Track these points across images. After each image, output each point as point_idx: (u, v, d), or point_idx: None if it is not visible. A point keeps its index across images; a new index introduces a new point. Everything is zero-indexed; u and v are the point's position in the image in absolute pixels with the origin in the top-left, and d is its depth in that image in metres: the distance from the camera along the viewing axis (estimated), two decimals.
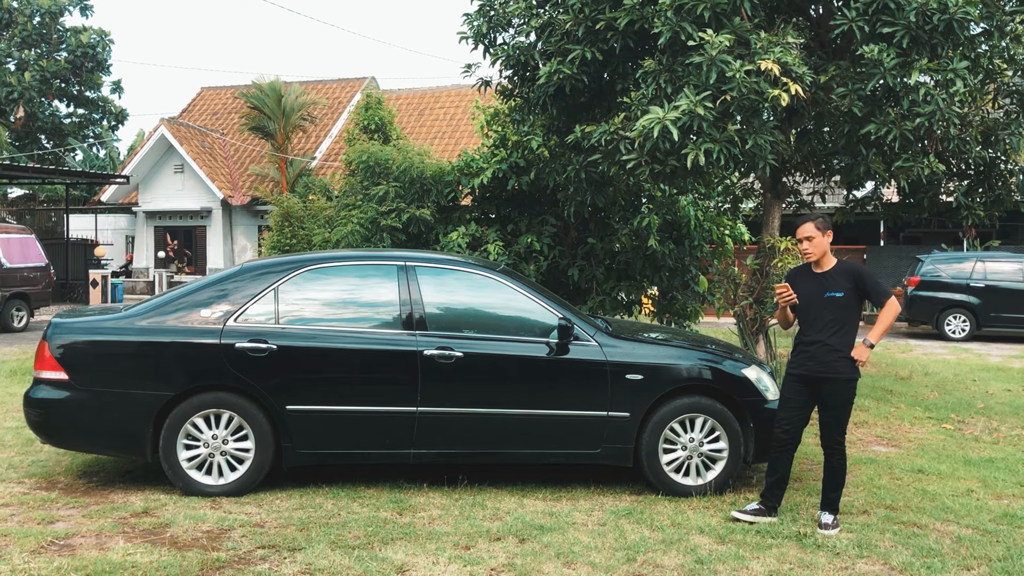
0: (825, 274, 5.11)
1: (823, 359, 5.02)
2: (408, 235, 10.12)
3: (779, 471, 5.22)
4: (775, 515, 5.22)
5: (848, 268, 5.11)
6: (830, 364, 5.01)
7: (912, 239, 22.95)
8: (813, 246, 5.09)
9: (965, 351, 14.59)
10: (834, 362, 5.00)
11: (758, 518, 5.15)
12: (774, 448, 5.26)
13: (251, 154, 28.28)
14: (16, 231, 16.94)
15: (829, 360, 5.01)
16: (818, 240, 5.08)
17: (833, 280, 5.06)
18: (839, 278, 5.06)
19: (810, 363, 5.08)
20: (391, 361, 5.60)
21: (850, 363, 5.00)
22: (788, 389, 5.22)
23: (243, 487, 5.51)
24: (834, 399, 5.04)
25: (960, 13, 6.83)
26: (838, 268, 5.12)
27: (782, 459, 5.21)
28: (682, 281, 10.64)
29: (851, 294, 5.01)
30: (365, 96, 23.38)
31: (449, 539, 4.77)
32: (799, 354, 5.17)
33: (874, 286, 5.03)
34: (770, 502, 5.23)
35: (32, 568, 4.24)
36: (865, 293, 5.04)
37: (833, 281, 5.06)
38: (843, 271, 5.09)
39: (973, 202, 9.56)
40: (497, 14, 8.78)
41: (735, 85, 6.62)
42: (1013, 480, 6.29)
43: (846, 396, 5.04)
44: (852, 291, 5.02)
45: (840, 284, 5.03)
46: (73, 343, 5.60)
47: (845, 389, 5.02)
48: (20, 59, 33.16)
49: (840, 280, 5.05)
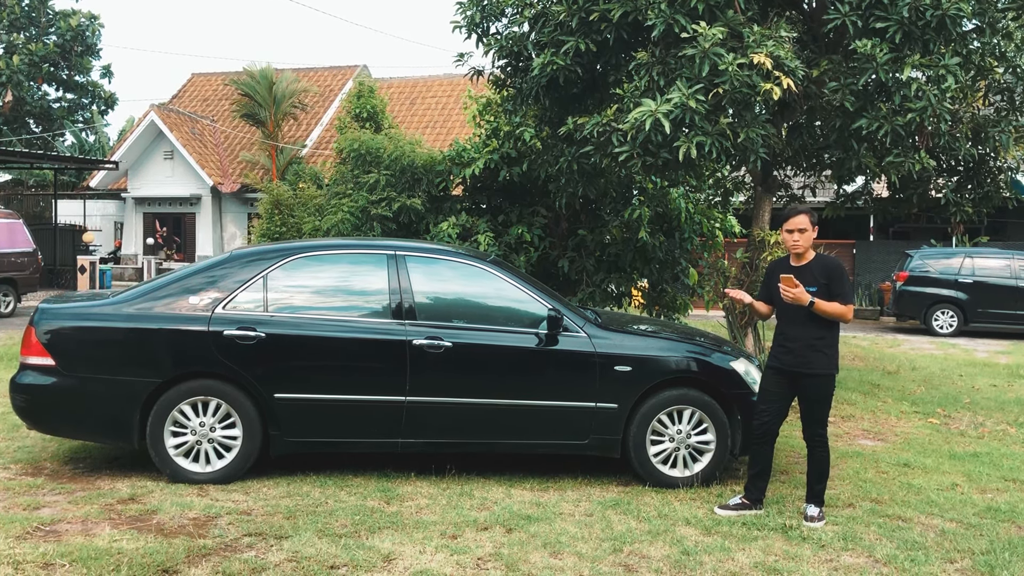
0: (803, 267, 5.11)
1: (799, 353, 5.04)
2: (399, 224, 10.09)
3: (760, 463, 5.25)
4: (760, 507, 5.24)
5: (825, 263, 5.10)
6: (806, 358, 5.02)
7: (901, 234, 23.06)
8: (804, 239, 5.07)
9: (952, 346, 14.68)
10: (810, 356, 5.01)
11: (742, 512, 5.18)
12: (753, 441, 5.29)
13: (241, 141, 28.14)
14: (3, 216, 16.80)
15: (805, 354, 5.02)
16: (809, 234, 5.07)
17: (810, 274, 5.06)
18: (815, 272, 5.06)
19: (786, 357, 5.11)
20: (380, 350, 5.59)
21: (826, 358, 5.01)
22: (767, 381, 5.25)
23: (230, 475, 5.50)
24: (811, 392, 5.06)
25: (953, 9, 6.84)
26: (815, 262, 5.12)
27: (762, 451, 5.24)
28: (672, 273, 10.65)
29: (823, 290, 5.00)
30: (357, 84, 23.26)
31: (436, 528, 4.77)
32: (777, 347, 5.20)
33: (840, 288, 5.00)
34: (753, 495, 5.25)
35: (17, 554, 4.22)
36: (831, 292, 5.01)
37: (810, 275, 5.05)
38: (820, 266, 5.09)
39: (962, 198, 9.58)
40: (491, 3, 8.73)
41: (728, 78, 6.61)
42: (997, 474, 6.34)
43: (823, 390, 5.06)
44: (825, 287, 5.01)
45: (815, 279, 5.03)
46: (60, 329, 5.57)
47: (821, 383, 5.03)
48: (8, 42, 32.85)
49: (816, 275, 5.05)
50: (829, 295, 4.99)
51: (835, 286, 5.00)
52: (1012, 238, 21.10)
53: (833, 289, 5.00)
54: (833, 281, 5.01)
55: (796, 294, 4.93)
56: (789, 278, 4.97)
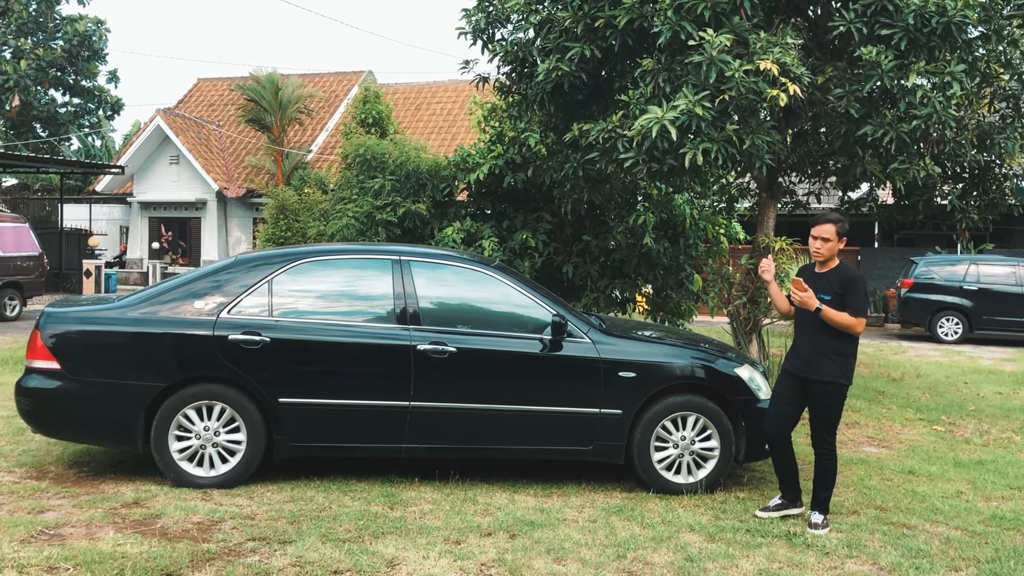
0: (822, 275, 5.14)
1: (809, 359, 5.07)
2: (403, 229, 10.10)
3: (783, 468, 5.29)
4: (800, 505, 5.30)
5: (843, 273, 5.11)
6: (815, 365, 5.04)
7: (906, 241, 23.01)
8: (827, 248, 5.09)
9: (957, 353, 14.64)
10: (819, 363, 5.03)
11: (784, 512, 5.23)
12: (770, 445, 5.33)
13: (247, 146, 28.20)
14: (10, 219, 16.87)
15: (815, 361, 5.04)
16: (832, 244, 5.08)
17: (827, 282, 5.08)
18: (832, 281, 5.08)
19: (797, 361, 5.15)
20: (384, 355, 5.59)
21: (834, 366, 5.01)
22: (780, 384, 5.30)
23: (234, 479, 5.50)
24: (819, 399, 5.07)
25: (958, 16, 6.84)
26: (834, 271, 5.14)
27: (780, 457, 5.28)
28: (676, 279, 10.64)
29: (837, 299, 5.01)
30: (363, 90, 23.33)
31: (440, 533, 4.77)
32: (791, 351, 5.26)
33: (854, 298, 5.00)
34: (790, 494, 5.30)
35: (21, 557, 4.23)
36: (845, 302, 5.00)
37: (826, 283, 5.08)
38: (837, 275, 5.10)
39: (967, 205, 9.57)
40: (496, 10, 8.75)
41: (734, 84, 6.62)
42: (1002, 482, 6.32)
43: (832, 397, 5.05)
44: (839, 296, 5.02)
45: (830, 287, 5.05)
46: (66, 332, 5.58)
47: (831, 391, 5.03)
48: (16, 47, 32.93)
49: (832, 283, 5.07)
50: (843, 305, 4.99)
51: (849, 297, 5.01)
52: (1017, 245, 21.04)
53: (847, 300, 5.00)
54: (848, 292, 5.02)
55: (803, 298, 4.95)
56: (799, 281, 5.01)
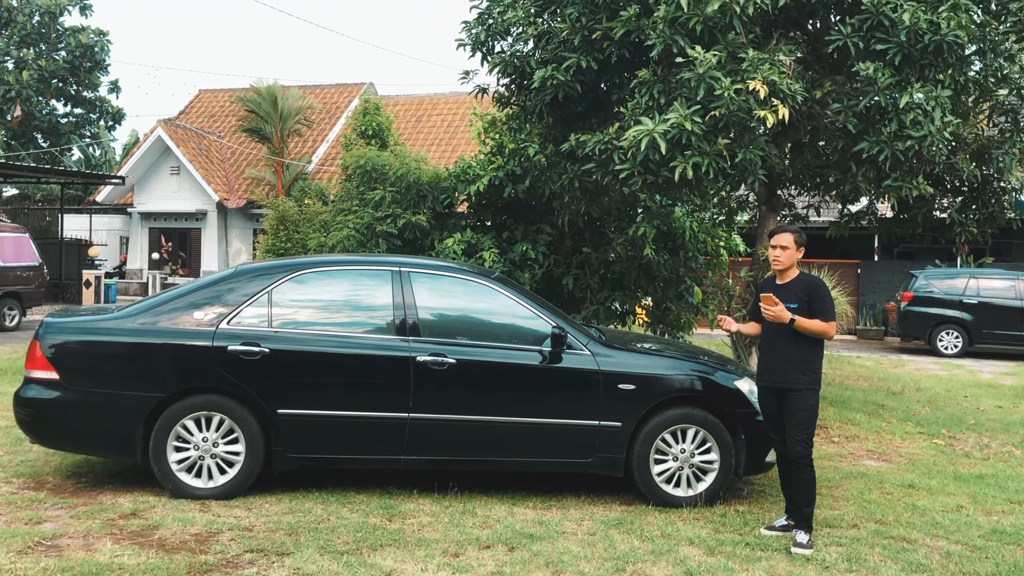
0: (785, 285, 5.17)
1: (781, 369, 5.08)
2: (404, 241, 10.12)
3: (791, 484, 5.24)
4: None
5: (806, 281, 5.15)
6: (788, 374, 5.05)
7: (906, 255, 23.02)
8: (785, 256, 5.13)
9: (957, 367, 14.63)
10: (792, 372, 5.04)
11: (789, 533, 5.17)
12: (779, 460, 5.32)
13: (248, 157, 28.26)
14: (10, 230, 16.87)
15: (787, 371, 5.05)
16: (791, 252, 5.14)
17: (791, 292, 5.11)
18: (796, 290, 5.11)
19: (770, 373, 5.17)
20: (384, 367, 5.59)
21: (802, 374, 5.02)
22: (764, 402, 5.32)
23: (233, 490, 5.49)
24: (794, 405, 5.05)
25: (951, 36, 6.85)
26: (797, 280, 5.17)
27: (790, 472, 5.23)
28: (676, 292, 10.65)
29: (804, 307, 5.04)
30: (363, 101, 23.37)
31: (438, 546, 4.76)
32: (761, 364, 5.26)
33: (821, 305, 5.04)
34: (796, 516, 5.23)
35: (18, 568, 4.21)
36: (812, 309, 5.03)
37: (791, 293, 5.10)
38: (801, 284, 5.14)
39: (967, 219, 9.58)
40: (496, 22, 8.79)
41: (724, 103, 6.64)
42: (1003, 496, 6.30)
43: (807, 402, 5.03)
44: (806, 304, 5.04)
45: (796, 296, 5.07)
46: (65, 343, 5.58)
47: (807, 397, 5.03)
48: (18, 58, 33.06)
49: (797, 292, 5.09)
50: (811, 312, 5.03)
51: (816, 303, 5.04)
52: (1017, 259, 21.05)
53: (814, 306, 5.04)
54: (814, 298, 5.05)
55: (776, 312, 4.99)
56: (769, 297, 5.04)
